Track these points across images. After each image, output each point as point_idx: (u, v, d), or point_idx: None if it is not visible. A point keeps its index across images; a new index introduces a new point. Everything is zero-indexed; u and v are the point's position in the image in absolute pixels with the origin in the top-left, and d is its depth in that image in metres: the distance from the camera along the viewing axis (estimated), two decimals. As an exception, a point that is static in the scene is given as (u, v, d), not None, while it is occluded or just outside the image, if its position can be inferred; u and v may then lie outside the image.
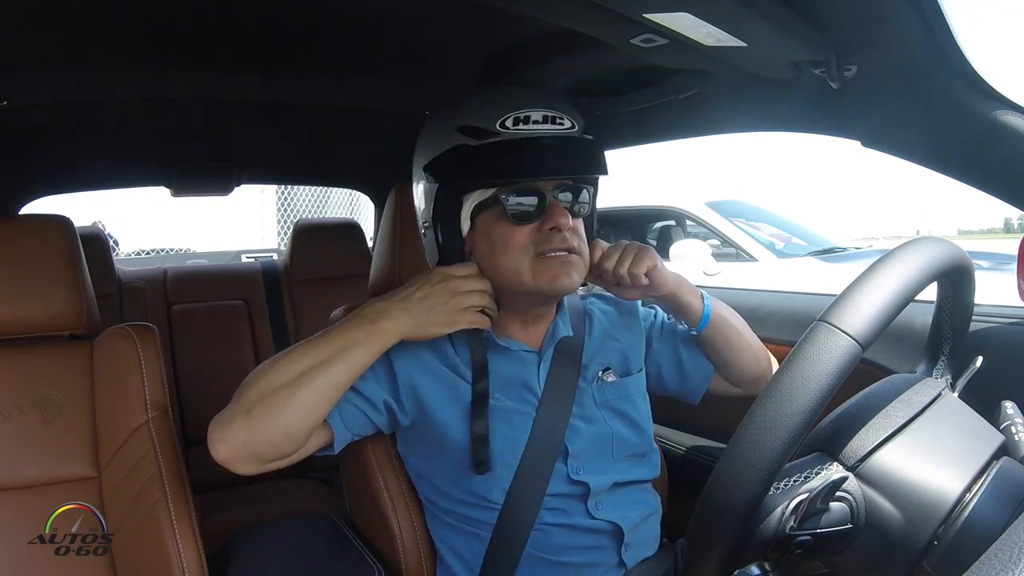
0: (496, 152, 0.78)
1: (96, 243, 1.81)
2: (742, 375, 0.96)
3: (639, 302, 0.99)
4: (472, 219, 0.83)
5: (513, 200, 0.80)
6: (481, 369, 0.84)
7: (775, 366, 0.98)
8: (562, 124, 0.80)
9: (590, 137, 0.84)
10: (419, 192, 0.87)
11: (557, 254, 0.80)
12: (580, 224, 0.84)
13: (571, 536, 0.83)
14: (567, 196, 0.82)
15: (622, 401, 0.90)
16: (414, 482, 0.92)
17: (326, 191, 7.21)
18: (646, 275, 0.86)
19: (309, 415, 0.77)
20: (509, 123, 0.78)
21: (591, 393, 0.89)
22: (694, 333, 0.93)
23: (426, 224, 0.86)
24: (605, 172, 0.84)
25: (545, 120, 0.79)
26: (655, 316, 1.00)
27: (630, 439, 0.89)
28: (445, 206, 0.83)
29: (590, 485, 0.84)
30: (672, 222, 4.58)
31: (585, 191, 0.84)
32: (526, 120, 0.79)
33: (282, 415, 0.75)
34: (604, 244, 0.89)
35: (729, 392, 0.99)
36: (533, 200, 0.80)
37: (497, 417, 0.83)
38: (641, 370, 0.95)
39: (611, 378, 0.91)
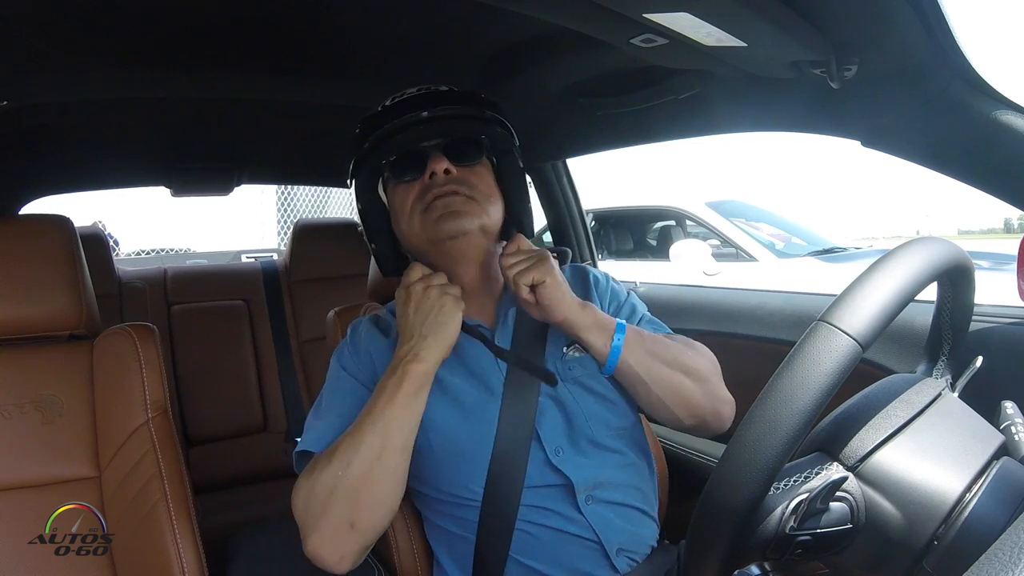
0: (370, 126, 0.85)
1: (96, 243, 1.81)
2: (656, 419, 0.89)
3: (600, 275, 0.97)
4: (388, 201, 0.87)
5: (394, 162, 0.84)
6: None
7: (720, 417, 0.88)
8: (437, 88, 0.85)
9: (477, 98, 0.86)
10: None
11: (439, 199, 0.81)
12: (475, 172, 0.85)
13: (558, 538, 0.81)
14: (454, 147, 0.84)
15: (589, 377, 0.86)
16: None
17: (326, 191, 7.21)
18: (532, 289, 0.80)
19: (401, 486, 0.77)
20: (388, 102, 0.85)
21: (556, 369, 0.86)
22: (603, 375, 0.85)
23: (361, 229, 0.91)
24: (471, 106, 0.85)
25: (419, 90, 0.85)
26: (633, 312, 0.95)
27: (605, 416, 0.85)
28: (363, 201, 0.88)
29: (572, 479, 0.81)
30: (672, 222, 4.59)
31: (477, 140, 0.85)
32: (402, 96, 0.85)
33: (384, 505, 0.75)
34: (526, 242, 0.86)
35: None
36: (414, 159, 0.83)
37: (462, 408, 0.82)
38: None
39: (576, 353, 0.87)
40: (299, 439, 0.83)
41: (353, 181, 0.89)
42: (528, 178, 0.95)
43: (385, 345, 0.87)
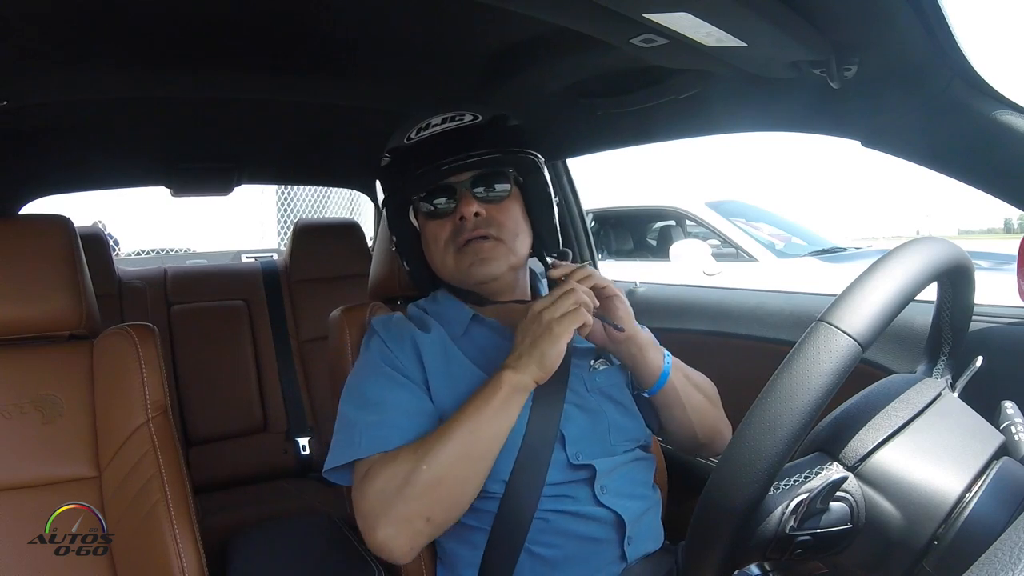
0: (400, 160, 0.89)
1: (96, 243, 1.81)
2: (673, 440, 0.97)
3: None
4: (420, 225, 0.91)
5: (424, 197, 0.89)
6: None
7: (724, 439, 0.95)
8: (461, 119, 0.87)
9: (503, 126, 0.88)
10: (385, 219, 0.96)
11: (470, 243, 0.86)
12: (503, 209, 0.88)
13: (575, 524, 0.83)
14: (483, 183, 0.87)
15: (613, 388, 0.91)
16: None
17: (326, 191, 7.21)
18: (605, 294, 0.84)
19: (479, 488, 0.78)
20: (413, 134, 0.88)
21: (583, 379, 0.89)
22: (645, 395, 0.91)
23: (393, 247, 0.95)
24: (499, 147, 0.86)
25: (444, 121, 0.87)
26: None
27: (626, 425, 0.90)
28: (395, 225, 0.93)
29: (596, 467, 0.84)
30: (672, 222, 4.59)
31: (504, 174, 0.88)
32: (426, 127, 0.87)
33: (461, 504, 0.77)
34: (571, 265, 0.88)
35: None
36: (444, 195, 0.87)
37: None
38: None
39: (603, 366, 0.92)
40: (338, 442, 0.81)
41: (384, 209, 0.94)
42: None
43: (428, 340, 0.88)
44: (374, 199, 2.24)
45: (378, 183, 0.94)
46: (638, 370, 0.89)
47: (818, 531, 0.53)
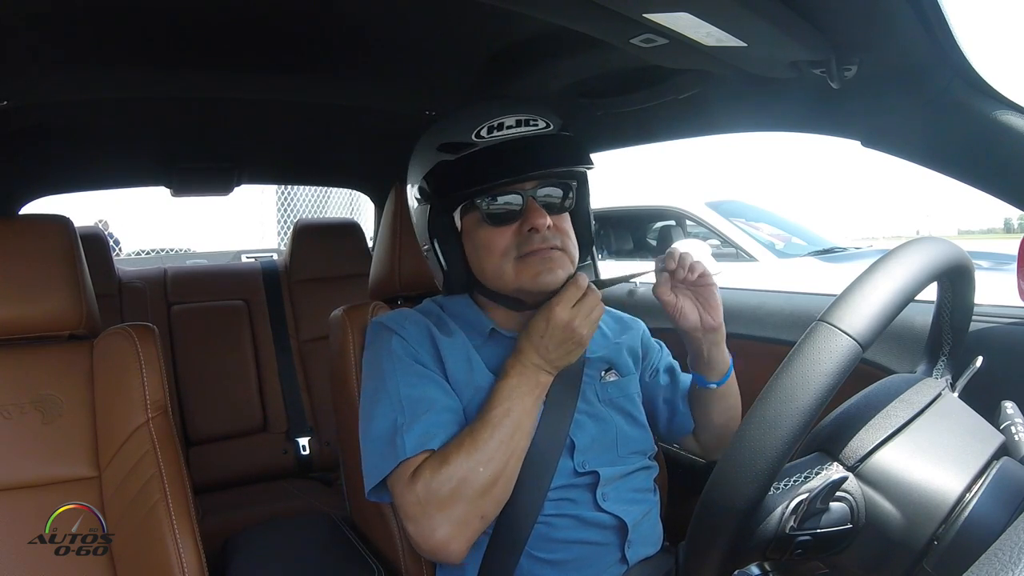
0: (474, 161, 0.81)
1: (96, 243, 1.81)
2: (706, 445, 1.00)
3: (643, 327, 1.02)
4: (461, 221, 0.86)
5: (490, 203, 0.83)
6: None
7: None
8: (536, 125, 0.83)
9: (568, 134, 0.86)
10: (414, 213, 0.91)
11: (537, 254, 0.82)
12: (565, 219, 0.86)
13: (576, 528, 0.84)
14: (549, 193, 0.84)
15: (624, 399, 0.92)
16: None
17: (326, 191, 7.22)
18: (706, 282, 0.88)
19: (515, 478, 0.80)
20: (484, 132, 0.81)
21: (595, 389, 0.90)
22: (712, 386, 0.92)
23: (426, 247, 0.90)
24: (582, 164, 0.85)
25: (519, 124, 0.82)
26: (661, 350, 1.03)
27: (634, 435, 0.91)
28: (439, 224, 0.86)
29: (600, 473, 0.85)
30: (672, 222, 4.58)
31: (569, 185, 0.86)
32: (500, 127, 0.81)
33: (506, 499, 0.79)
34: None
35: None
36: (511, 201, 0.83)
37: None
38: (637, 373, 0.97)
39: (613, 377, 0.93)
40: (373, 441, 0.81)
41: (429, 204, 0.86)
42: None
43: (450, 345, 0.86)
44: (374, 199, 2.24)
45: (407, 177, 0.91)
46: (711, 361, 0.91)
47: (818, 531, 0.53)
